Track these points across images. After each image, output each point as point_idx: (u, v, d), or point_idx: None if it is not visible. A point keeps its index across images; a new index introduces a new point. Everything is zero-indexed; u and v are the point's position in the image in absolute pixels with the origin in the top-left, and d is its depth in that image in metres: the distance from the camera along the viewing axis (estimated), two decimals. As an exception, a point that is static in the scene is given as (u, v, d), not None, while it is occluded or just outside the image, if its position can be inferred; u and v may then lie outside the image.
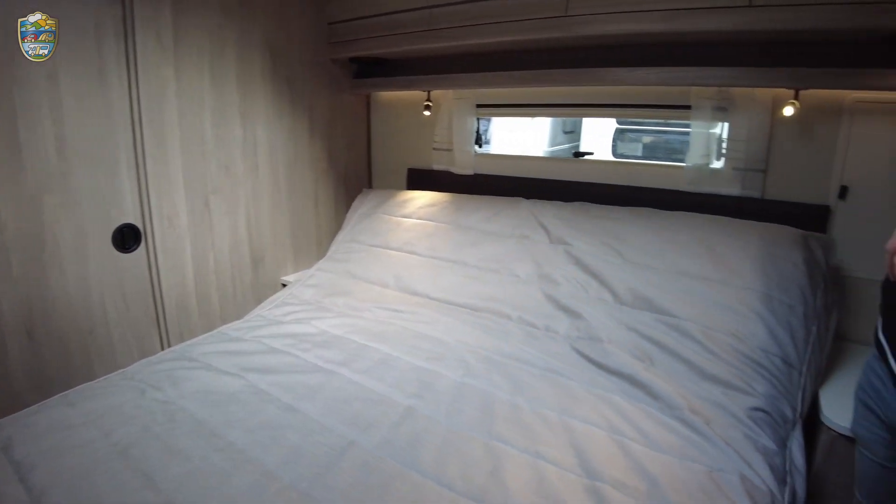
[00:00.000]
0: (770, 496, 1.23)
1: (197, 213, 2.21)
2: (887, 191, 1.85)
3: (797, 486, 1.34)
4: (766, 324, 1.65)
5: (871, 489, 1.24)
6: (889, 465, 1.16)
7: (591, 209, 2.24)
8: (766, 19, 1.68)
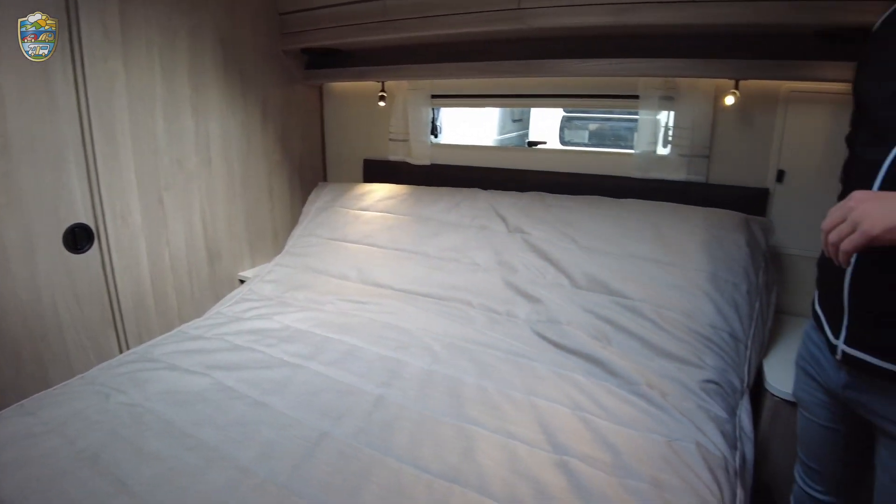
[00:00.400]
0: (723, 461, 1.31)
1: (151, 211, 2.15)
2: (819, 174, 1.98)
3: (746, 451, 1.44)
4: (714, 302, 1.75)
5: (811, 448, 1.33)
6: (827, 425, 1.25)
7: (546, 198, 2.30)
8: (708, 14, 1.76)
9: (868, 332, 1.04)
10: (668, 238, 1.94)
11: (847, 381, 1.12)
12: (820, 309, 1.20)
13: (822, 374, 1.21)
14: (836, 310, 1.10)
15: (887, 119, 1.03)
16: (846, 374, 1.12)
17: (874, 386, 1.05)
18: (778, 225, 2.09)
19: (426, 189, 2.60)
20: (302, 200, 2.94)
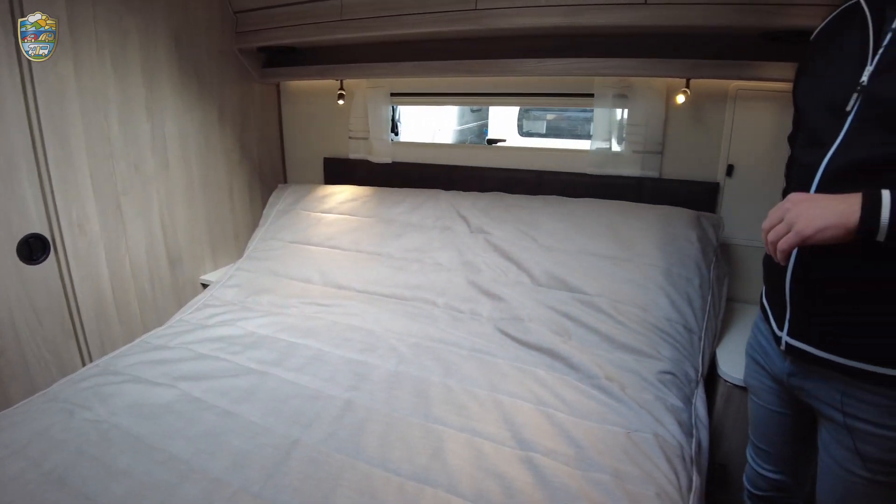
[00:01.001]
0: (679, 449, 1.38)
1: (109, 217, 2.10)
2: (766, 168, 2.07)
3: (701, 437, 1.51)
4: (668, 295, 1.83)
5: (761, 430, 1.41)
6: (775, 410, 1.33)
7: (506, 199, 2.35)
8: (660, 16, 1.82)
9: (808, 325, 1.12)
10: (623, 235, 2.01)
11: (791, 369, 1.20)
12: (766, 302, 1.28)
13: (769, 363, 1.29)
14: (780, 304, 1.17)
15: (821, 124, 1.09)
16: (790, 363, 1.19)
17: (814, 373, 1.13)
18: (728, 217, 2.18)
19: (388, 191, 2.61)
20: (262, 199, 2.92)
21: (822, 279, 1.06)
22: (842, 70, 1.07)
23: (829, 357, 1.07)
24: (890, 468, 1.06)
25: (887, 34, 0.98)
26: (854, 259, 0.97)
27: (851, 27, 1.09)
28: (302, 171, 3.09)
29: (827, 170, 1.03)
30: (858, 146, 0.99)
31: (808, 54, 1.25)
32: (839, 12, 1.18)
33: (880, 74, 0.97)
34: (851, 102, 1.01)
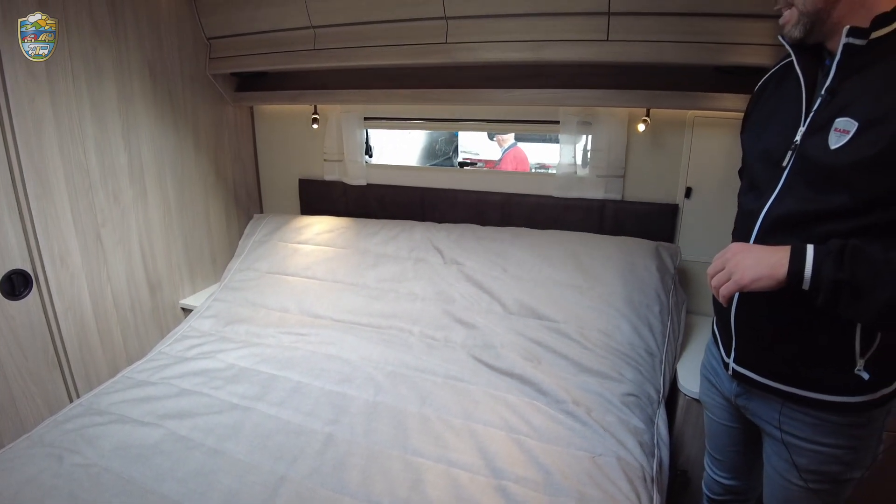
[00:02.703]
0: (641, 470, 1.47)
1: (89, 249, 2.12)
2: (722, 190, 2.18)
3: (663, 455, 1.61)
4: (630, 322, 1.93)
5: (715, 442, 1.53)
6: (726, 424, 1.45)
7: (478, 231, 2.43)
8: (619, 52, 1.91)
9: (751, 354, 1.23)
10: (586, 265, 2.11)
11: (738, 390, 1.31)
12: (717, 330, 1.38)
13: (719, 383, 1.40)
14: (727, 333, 1.28)
15: (760, 173, 1.19)
16: (737, 385, 1.31)
17: (757, 395, 1.25)
18: (686, 236, 2.30)
19: (364, 222, 2.65)
20: (238, 222, 2.94)
21: (761, 318, 1.17)
22: (780, 126, 1.16)
23: (769, 383, 1.19)
24: (822, 477, 1.18)
25: (817, 99, 1.08)
26: (787, 301, 1.07)
27: (789, 85, 1.17)
28: (277, 192, 3.10)
29: (765, 220, 1.13)
30: (791, 200, 1.09)
31: (753, 103, 1.34)
32: (780, 66, 1.27)
33: (811, 136, 1.05)
34: (787, 158, 1.10)
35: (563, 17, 1.92)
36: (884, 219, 0.96)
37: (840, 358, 1.08)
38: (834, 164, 0.98)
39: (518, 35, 2.00)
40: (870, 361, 1.06)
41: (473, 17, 2.03)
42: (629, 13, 1.86)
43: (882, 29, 0.95)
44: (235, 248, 2.84)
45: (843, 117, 0.98)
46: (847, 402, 1.10)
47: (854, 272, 0.90)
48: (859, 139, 0.95)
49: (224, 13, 2.45)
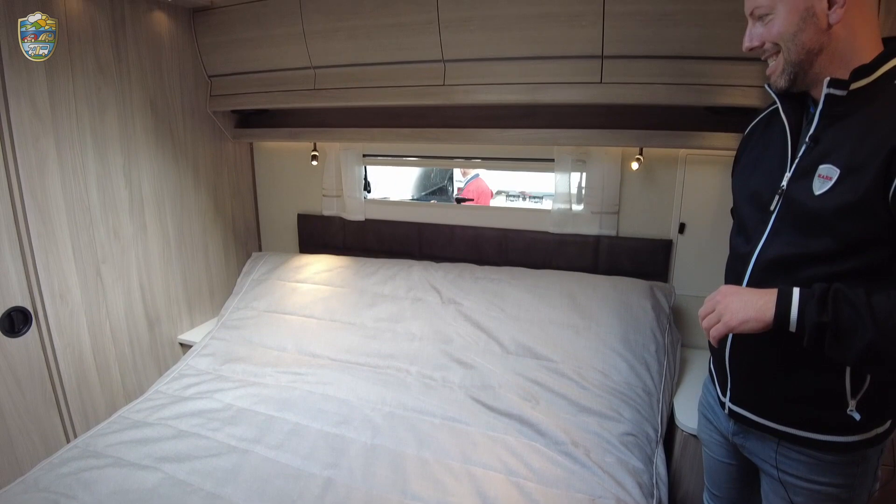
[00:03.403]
0: (640, 511, 1.45)
1: (89, 285, 2.11)
2: (715, 225, 2.20)
3: (662, 496, 1.59)
4: (627, 361, 1.92)
5: (713, 478, 1.50)
6: (724, 461, 1.43)
7: (476, 271, 2.43)
8: (612, 94, 1.94)
9: (746, 394, 1.24)
10: (583, 305, 2.12)
11: (734, 429, 1.32)
12: (713, 369, 1.40)
13: (716, 421, 1.41)
14: (722, 373, 1.30)
15: (749, 216, 1.22)
16: (733, 424, 1.31)
17: (753, 434, 1.26)
18: (680, 271, 2.31)
19: (362, 261, 2.65)
20: (236, 256, 2.92)
21: (755, 358, 1.19)
22: (767, 170, 1.18)
23: (765, 422, 1.20)
24: None
25: (802, 145, 1.12)
26: (780, 342, 1.09)
27: (776, 130, 1.21)
28: (275, 227, 3.09)
29: (756, 264, 1.16)
30: (779, 244, 1.11)
31: (742, 147, 1.38)
32: (768, 112, 1.32)
33: (796, 181, 1.07)
34: (774, 202, 1.14)
35: (558, 60, 1.96)
36: (867, 263, 0.98)
37: (832, 399, 1.10)
38: (818, 209, 1.01)
39: (514, 78, 2.03)
40: (861, 402, 1.08)
41: (471, 60, 2.07)
42: (622, 56, 1.90)
43: (861, 81, 1.00)
44: (233, 282, 2.84)
45: (826, 164, 1.01)
46: (841, 442, 1.12)
47: (837, 316, 0.92)
48: (841, 185, 0.98)
49: (225, 52, 2.48)
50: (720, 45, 1.78)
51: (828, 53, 1.03)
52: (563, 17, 1.89)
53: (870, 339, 0.91)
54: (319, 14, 2.19)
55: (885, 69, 0.99)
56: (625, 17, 1.84)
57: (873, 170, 0.93)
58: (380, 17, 2.09)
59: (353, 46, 2.20)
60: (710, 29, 1.77)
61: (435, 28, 2.03)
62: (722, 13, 1.73)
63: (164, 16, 2.34)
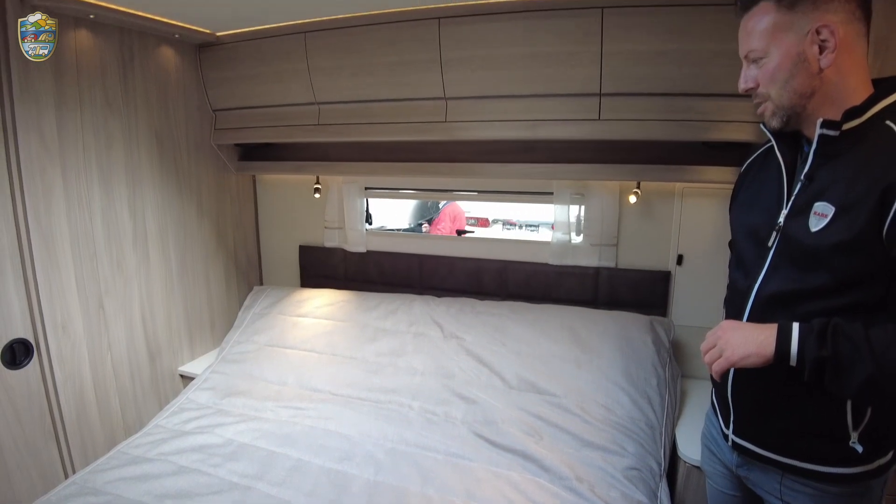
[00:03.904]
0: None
1: (92, 317, 2.09)
2: (713, 256, 2.20)
3: (667, 528, 1.56)
4: (629, 395, 1.92)
5: None
6: (728, 493, 1.42)
7: (477, 305, 2.43)
8: (610, 130, 1.97)
9: (749, 426, 1.24)
10: (584, 339, 2.12)
11: (738, 461, 1.32)
12: (715, 401, 1.41)
13: (720, 452, 1.41)
14: (725, 406, 1.30)
15: (747, 251, 1.24)
16: (737, 456, 1.32)
17: (757, 466, 1.25)
18: (679, 302, 2.31)
19: (364, 295, 2.64)
20: (238, 288, 2.91)
21: (757, 392, 1.20)
22: (764, 207, 1.20)
23: (768, 454, 1.20)
24: None
25: (797, 183, 1.15)
26: (781, 376, 1.10)
27: (772, 167, 1.24)
28: (277, 258, 3.08)
29: (756, 299, 1.17)
30: (778, 279, 1.12)
31: (739, 183, 1.41)
32: (763, 150, 1.36)
33: (793, 218, 1.09)
34: (772, 238, 1.16)
35: (557, 98, 1.99)
36: (863, 298, 1.00)
37: (834, 431, 1.10)
38: (815, 246, 1.03)
39: (515, 115, 2.06)
40: (863, 434, 1.09)
41: (472, 97, 2.10)
42: (619, 94, 1.93)
43: (852, 121, 1.03)
44: (234, 313, 2.82)
45: (821, 201, 1.03)
46: (844, 473, 1.12)
47: (836, 350, 0.94)
48: (836, 223, 1.00)
49: (230, 87, 2.51)
50: (714, 82, 1.83)
51: (820, 96, 1.06)
52: (561, 57, 1.93)
53: (869, 373, 0.92)
54: (324, 51, 2.23)
55: (876, 110, 1.02)
56: (621, 56, 1.88)
57: (867, 209, 0.95)
58: (384, 55, 2.13)
59: (356, 83, 2.23)
60: (704, 67, 1.82)
61: (437, 66, 2.07)
62: (715, 52, 1.77)
63: (171, 51, 2.38)
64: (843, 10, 1.01)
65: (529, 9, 1.92)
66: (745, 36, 1.11)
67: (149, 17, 2.10)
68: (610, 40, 1.87)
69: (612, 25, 1.85)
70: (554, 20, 1.91)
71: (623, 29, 1.85)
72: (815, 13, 1.01)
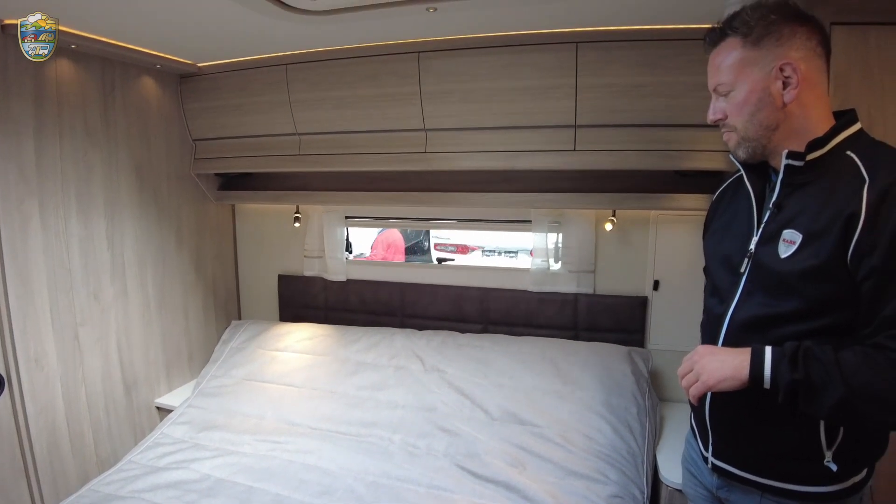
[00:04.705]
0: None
1: (66, 349, 2.01)
2: (687, 281, 2.24)
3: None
4: (611, 424, 1.91)
5: None
6: None
7: (459, 338, 2.42)
8: (587, 160, 2.01)
9: (728, 448, 1.24)
10: (565, 371, 2.12)
11: (718, 483, 1.31)
12: (694, 424, 1.42)
13: (700, 475, 1.40)
14: (704, 429, 1.30)
15: (721, 277, 1.27)
16: (717, 478, 1.32)
17: (737, 488, 1.26)
18: (656, 326, 2.33)
19: (344, 329, 2.61)
20: (216, 318, 2.85)
21: (734, 414, 1.21)
22: (736, 234, 1.21)
23: (747, 475, 1.20)
24: None
25: (766, 211, 1.18)
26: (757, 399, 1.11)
27: (742, 196, 1.27)
28: (256, 288, 3.03)
29: (730, 325, 1.18)
30: (751, 305, 1.12)
31: (712, 212, 1.44)
32: (734, 180, 1.40)
33: (763, 245, 1.10)
34: (744, 265, 1.18)
35: (534, 129, 2.03)
36: (833, 322, 1.01)
37: (809, 451, 1.11)
38: (785, 272, 1.04)
39: (493, 146, 2.08)
40: (837, 453, 1.10)
41: (451, 129, 2.13)
42: (594, 125, 1.97)
43: (816, 152, 1.07)
44: (212, 344, 2.75)
45: (789, 229, 1.05)
46: (821, 492, 1.13)
47: (808, 373, 0.95)
48: (804, 250, 1.02)
49: (211, 117, 2.50)
50: (687, 114, 1.87)
51: (784, 128, 1.10)
52: (538, 90, 1.97)
53: (840, 395, 0.94)
54: (306, 83, 2.24)
55: (838, 141, 1.06)
56: (597, 90, 1.92)
57: (833, 236, 0.98)
58: (365, 88, 2.15)
59: (338, 115, 2.24)
60: (677, 99, 1.87)
61: (417, 99, 2.09)
62: (688, 85, 1.83)
63: (152, 81, 2.36)
64: (805, 48, 1.06)
65: (507, 44, 1.96)
66: (713, 70, 1.15)
67: (130, 48, 2.08)
68: (585, 74, 1.91)
69: (587, 60, 1.90)
70: (534, 54, 1.95)
71: (598, 63, 1.90)
72: (778, 50, 1.06)
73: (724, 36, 1.13)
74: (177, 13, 1.72)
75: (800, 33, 1.07)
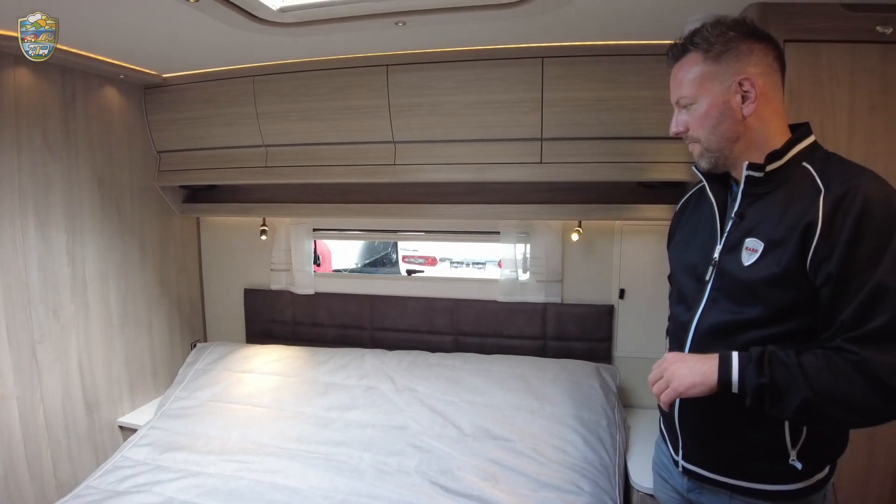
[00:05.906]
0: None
1: (23, 368, 1.89)
2: (652, 289, 2.28)
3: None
4: (583, 436, 1.90)
5: None
6: None
7: (430, 358, 2.39)
8: (552, 172, 2.02)
9: (698, 452, 1.25)
10: (535, 387, 2.12)
11: (689, 486, 1.32)
12: (664, 429, 1.44)
13: (671, 479, 1.41)
14: (674, 434, 1.31)
15: (687, 285, 1.29)
16: (687, 481, 1.33)
17: (708, 490, 1.27)
18: (623, 333, 2.35)
19: (313, 350, 2.54)
20: (181, 334, 2.75)
21: (703, 418, 1.22)
22: (701, 243, 1.21)
23: (717, 477, 1.21)
24: None
25: (729, 220, 1.22)
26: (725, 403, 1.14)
27: (705, 206, 1.30)
28: (221, 303, 2.93)
29: (696, 331, 1.20)
30: (716, 312, 1.13)
31: (676, 221, 1.46)
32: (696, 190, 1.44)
33: (727, 253, 1.11)
34: (709, 273, 1.21)
35: (502, 142, 2.02)
36: (796, 327, 1.03)
37: (775, 451, 1.13)
38: (748, 279, 1.06)
39: (462, 158, 2.07)
40: (801, 452, 1.13)
41: (420, 141, 2.11)
42: (560, 139, 1.99)
43: (774, 163, 1.11)
44: (178, 361, 2.64)
45: (751, 238, 1.07)
46: (787, 490, 1.15)
47: (773, 377, 0.97)
48: (766, 258, 1.04)
49: (177, 129, 2.42)
50: (650, 127, 1.90)
51: (744, 140, 1.12)
52: (506, 104, 1.97)
53: (804, 397, 0.97)
54: (273, 95, 2.18)
55: (794, 152, 1.09)
56: (562, 104, 1.93)
57: (792, 245, 1.00)
58: (333, 100, 2.11)
59: (305, 127, 2.19)
60: (640, 112, 1.89)
61: (386, 112, 2.06)
62: (651, 98, 1.86)
63: (115, 92, 2.27)
64: (762, 64, 1.09)
65: (475, 58, 1.96)
66: (675, 84, 1.17)
67: (93, 57, 2.00)
68: (551, 88, 1.92)
69: (553, 75, 1.91)
70: (501, 69, 1.96)
71: (564, 78, 1.91)
72: (737, 65, 1.09)
73: (685, 51, 1.15)
74: (141, 23, 1.65)
75: (757, 50, 1.10)
